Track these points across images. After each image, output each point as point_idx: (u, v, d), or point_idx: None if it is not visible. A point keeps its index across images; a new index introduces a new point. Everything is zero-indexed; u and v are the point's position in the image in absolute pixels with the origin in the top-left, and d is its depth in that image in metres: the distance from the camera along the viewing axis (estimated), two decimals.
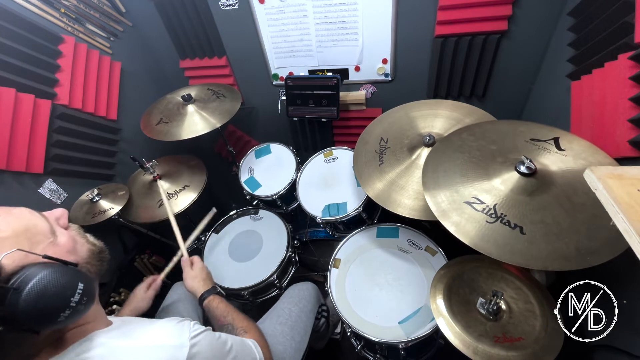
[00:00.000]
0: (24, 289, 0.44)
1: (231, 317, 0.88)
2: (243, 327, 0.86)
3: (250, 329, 0.86)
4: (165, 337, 0.59)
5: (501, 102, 1.39)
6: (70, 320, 0.49)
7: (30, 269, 0.46)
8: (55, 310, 0.47)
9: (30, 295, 0.44)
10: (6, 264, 0.45)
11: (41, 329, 0.47)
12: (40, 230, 0.53)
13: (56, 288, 0.46)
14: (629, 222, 0.47)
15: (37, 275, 0.45)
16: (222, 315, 0.89)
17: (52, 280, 0.46)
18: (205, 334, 0.65)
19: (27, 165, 1.08)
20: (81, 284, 0.50)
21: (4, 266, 0.45)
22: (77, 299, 0.48)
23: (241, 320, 0.88)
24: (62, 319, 0.47)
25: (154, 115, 1.42)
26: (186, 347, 0.58)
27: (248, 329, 0.85)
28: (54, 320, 0.47)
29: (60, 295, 0.47)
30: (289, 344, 0.99)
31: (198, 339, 0.62)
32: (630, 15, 0.76)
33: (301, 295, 1.14)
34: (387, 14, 1.26)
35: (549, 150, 0.84)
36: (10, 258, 0.46)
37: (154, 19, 1.53)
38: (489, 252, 0.71)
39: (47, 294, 0.45)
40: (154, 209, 1.33)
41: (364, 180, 1.12)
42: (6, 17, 1.04)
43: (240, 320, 0.87)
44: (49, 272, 0.46)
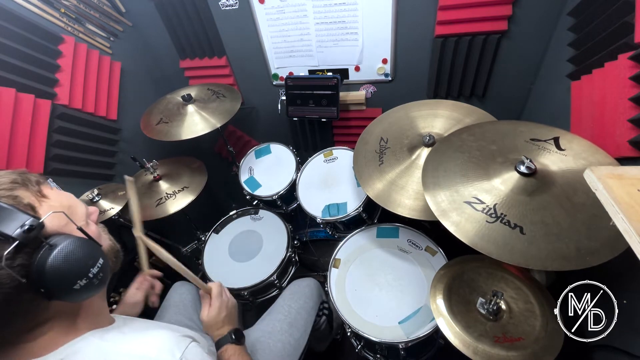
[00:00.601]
0: (56, 247, 0.49)
1: None
2: None
3: None
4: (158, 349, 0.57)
5: (501, 102, 1.39)
6: (83, 293, 0.52)
7: (65, 235, 0.53)
8: (75, 275, 0.51)
9: (60, 254, 0.49)
10: (49, 224, 0.51)
11: (56, 293, 0.50)
12: (80, 212, 0.60)
13: (81, 255, 0.52)
14: (629, 222, 0.47)
15: (70, 239, 0.51)
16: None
17: (79, 247, 0.52)
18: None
19: (27, 165, 1.08)
20: (102, 259, 0.55)
21: (47, 225, 0.51)
22: (95, 271, 0.53)
23: None
24: (77, 286, 0.51)
25: (154, 115, 1.42)
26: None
27: None
28: (70, 286, 0.50)
29: (83, 262, 0.52)
30: (287, 341, 0.98)
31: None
32: (630, 15, 0.76)
33: (302, 292, 1.13)
34: (387, 14, 1.26)
35: (549, 150, 0.84)
36: (53, 221, 0.52)
37: (154, 19, 1.53)
38: (489, 252, 0.71)
39: (73, 257, 0.50)
40: (152, 208, 1.32)
41: (364, 180, 1.12)
42: (6, 17, 1.04)
43: None
44: (79, 239, 0.53)
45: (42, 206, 0.53)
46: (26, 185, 0.53)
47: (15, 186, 0.52)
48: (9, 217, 0.47)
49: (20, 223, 0.47)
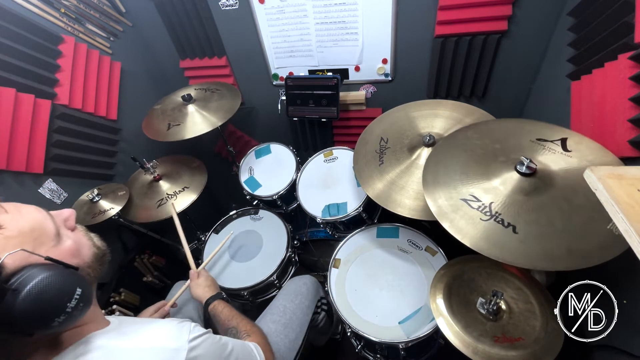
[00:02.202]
0: (22, 290, 0.43)
1: (235, 321, 0.90)
2: (246, 330, 0.87)
3: (253, 332, 0.87)
4: (164, 338, 0.58)
5: (501, 102, 1.39)
6: (65, 325, 0.48)
7: (31, 270, 0.46)
8: (50, 314, 0.46)
9: (28, 298, 0.44)
10: (8, 264, 0.45)
11: (34, 332, 0.47)
12: (46, 232, 0.52)
13: (54, 292, 0.46)
14: (629, 222, 0.47)
15: (37, 277, 0.45)
16: (227, 319, 0.91)
17: (51, 284, 0.46)
18: (205, 337, 0.64)
19: (27, 165, 1.08)
20: (79, 289, 0.49)
21: (6, 265, 0.45)
22: (73, 304, 0.48)
23: (245, 324, 0.89)
24: (56, 323, 0.47)
25: (155, 116, 1.42)
26: (184, 350, 0.57)
27: (251, 332, 0.86)
28: (49, 324, 0.46)
29: (57, 299, 0.47)
30: (282, 342, 0.98)
31: (197, 341, 0.61)
32: (630, 15, 0.76)
33: (298, 291, 1.12)
34: (387, 14, 1.26)
35: (554, 150, 0.84)
36: (13, 258, 0.45)
37: (154, 19, 1.53)
38: (481, 249, 0.71)
39: (44, 297, 0.45)
40: (153, 209, 1.32)
41: (364, 180, 1.12)
42: (6, 17, 1.04)
43: (244, 324, 0.89)
44: (48, 275, 0.46)
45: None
46: None
47: None
48: None
49: None
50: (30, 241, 0.49)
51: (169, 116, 1.39)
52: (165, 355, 0.56)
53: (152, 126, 1.38)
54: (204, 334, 0.64)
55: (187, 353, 0.57)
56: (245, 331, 0.86)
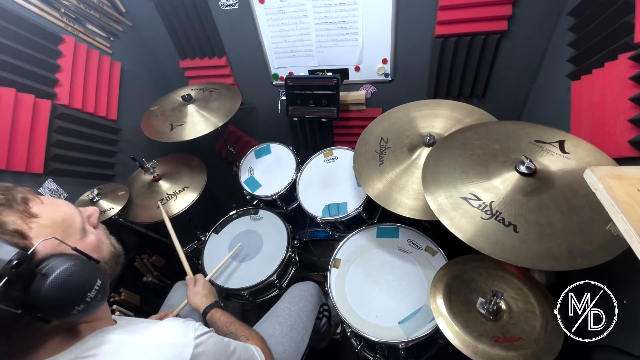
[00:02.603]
0: (50, 276, 0.46)
1: (233, 327, 0.90)
2: (245, 335, 0.87)
3: (252, 336, 0.87)
4: (171, 335, 0.60)
5: (501, 102, 1.39)
6: (82, 314, 0.50)
7: (59, 258, 0.49)
8: (71, 302, 0.49)
9: (54, 284, 0.46)
10: (40, 250, 0.48)
11: (53, 318, 0.49)
12: (74, 225, 0.56)
13: (78, 280, 0.49)
14: (629, 222, 0.47)
15: (64, 265, 0.48)
16: (225, 325, 0.91)
17: (76, 272, 0.49)
18: (209, 335, 0.66)
19: (27, 165, 1.08)
20: (99, 280, 0.52)
21: (38, 251, 0.48)
22: (93, 294, 0.51)
23: (243, 330, 0.89)
24: (75, 312, 0.49)
25: (153, 117, 1.42)
26: (191, 346, 0.59)
27: (250, 337, 0.87)
28: (68, 312, 0.49)
29: (80, 288, 0.49)
30: (288, 344, 0.99)
31: (202, 339, 0.63)
32: (630, 15, 0.76)
33: (302, 295, 1.14)
34: (387, 14, 1.26)
35: (552, 152, 0.84)
36: (45, 245, 0.49)
37: (154, 19, 1.53)
38: (481, 248, 0.71)
39: (68, 284, 0.48)
40: (153, 210, 1.32)
41: (364, 180, 1.12)
42: (6, 17, 1.04)
43: (242, 330, 0.89)
44: (74, 264, 0.49)
45: (31, 229, 0.49)
46: (11, 205, 0.49)
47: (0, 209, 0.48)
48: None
49: (7, 257, 0.43)
50: (60, 231, 0.52)
51: (169, 117, 1.39)
52: (174, 350, 0.58)
53: (152, 127, 1.38)
54: (208, 331, 0.66)
55: (194, 349, 0.59)
56: (244, 336, 0.87)
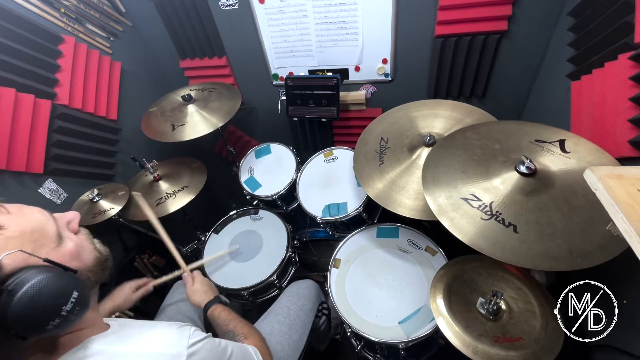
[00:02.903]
0: (18, 291, 0.43)
1: (232, 324, 0.90)
2: (244, 333, 0.87)
3: (250, 334, 0.87)
4: (164, 343, 0.58)
5: (501, 102, 1.39)
6: (60, 329, 0.48)
7: (29, 271, 0.46)
8: (45, 317, 0.46)
9: (23, 300, 0.43)
10: (6, 264, 0.45)
11: (29, 335, 0.46)
12: (47, 234, 0.52)
13: (50, 294, 0.46)
14: (629, 222, 0.47)
15: (33, 279, 0.45)
16: (224, 323, 0.91)
17: (47, 286, 0.45)
18: (205, 342, 0.64)
19: (27, 165, 1.08)
20: (76, 292, 0.49)
21: (4, 266, 0.45)
22: (69, 307, 0.48)
23: (242, 327, 0.89)
24: (51, 327, 0.46)
25: (152, 117, 1.42)
26: (183, 355, 0.57)
27: (248, 335, 0.86)
28: (43, 328, 0.46)
29: (53, 302, 0.46)
30: (286, 342, 0.99)
31: (197, 347, 0.61)
32: (630, 15, 0.76)
33: (301, 294, 1.13)
34: (387, 14, 1.26)
35: (552, 152, 0.84)
36: (11, 258, 0.45)
37: (154, 19, 1.53)
38: (481, 249, 0.71)
39: (39, 299, 0.45)
40: (152, 208, 1.32)
41: (364, 180, 1.12)
42: (6, 17, 1.04)
43: (241, 327, 0.89)
44: (44, 277, 0.46)
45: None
46: None
47: None
48: None
49: None
50: (30, 242, 0.49)
51: (170, 117, 1.39)
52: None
53: (153, 127, 1.37)
54: (203, 338, 0.64)
55: (187, 358, 0.57)
56: (242, 334, 0.86)
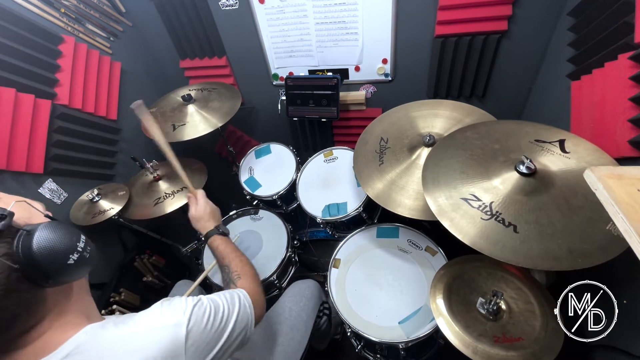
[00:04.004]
0: (34, 231, 0.49)
1: (228, 259, 0.90)
2: (237, 271, 0.86)
3: (244, 273, 0.85)
4: (160, 318, 0.59)
5: (501, 102, 1.39)
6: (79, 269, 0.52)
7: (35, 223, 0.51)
8: (64, 250, 0.51)
9: (42, 236, 0.49)
10: (17, 215, 0.50)
11: (51, 273, 0.49)
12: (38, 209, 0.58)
13: (61, 232, 0.51)
14: (629, 222, 0.47)
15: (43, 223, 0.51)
16: (221, 256, 0.92)
17: (57, 226, 0.51)
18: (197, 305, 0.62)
19: (27, 165, 1.08)
20: (82, 235, 0.55)
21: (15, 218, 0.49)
22: (82, 245, 0.53)
23: (237, 264, 0.88)
24: (71, 261, 0.51)
25: (154, 116, 1.40)
26: (184, 324, 0.58)
27: (242, 274, 0.85)
28: (65, 261, 0.50)
29: (67, 238, 0.52)
30: (288, 343, 0.99)
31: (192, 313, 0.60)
32: (630, 15, 0.76)
33: (302, 294, 1.13)
34: (387, 14, 1.26)
35: (552, 152, 0.84)
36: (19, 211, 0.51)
37: (154, 19, 1.53)
38: (481, 249, 0.71)
39: (55, 235, 0.50)
40: (149, 207, 1.32)
41: (364, 180, 1.12)
42: (6, 17, 1.04)
43: (236, 264, 0.88)
44: (52, 222, 0.52)
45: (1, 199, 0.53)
46: None
47: None
48: None
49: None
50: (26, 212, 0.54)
51: (170, 117, 1.39)
52: (167, 332, 0.56)
53: None
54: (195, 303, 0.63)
55: (186, 326, 0.58)
56: (236, 272, 0.85)
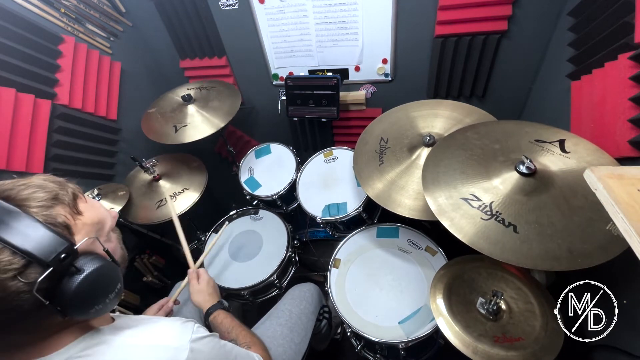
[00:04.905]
0: (84, 272, 0.49)
1: (235, 333, 0.88)
2: (247, 342, 0.85)
3: (253, 343, 0.86)
4: (167, 337, 0.59)
5: (501, 102, 1.39)
6: (98, 313, 0.52)
7: (92, 256, 0.52)
8: (95, 300, 0.51)
9: (86, 280, 0.49)
10: (80, 248, 0.50)
11: (71, 314, 0.49)
12: (105, 228, 0.59)
13: (106, 280, 0.52)
14: (629, 222, 0.47)
15: (97, 264, 0.51)
16: (227, 331, 0.89)
17: (106, 273, 0.52)
18: (209, 339, 0.64)
19: (27, 165, 1.08)
20: (119, 284, 0.56)
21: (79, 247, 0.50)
22: (113, 295, 0.54)
23: (245, 336, 0.87)
24: (93, 310, 0.51)
25: (153, 119, 1.41)
26: (186, 349, 0.58)
27: (251, 344, 0.85)
28: (88, 309, 0.50)
29: (105, 287, 0.53)
30: (288, 345, 0.98)
31: (200, 343, 0.61)
32: (630, 15, 0.76)
33: (302, 297, 1.14)
34: (387, 14, 1.26)
35: (552, 152, 0.84)
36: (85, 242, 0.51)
37: (154, 19, 1.53)
38: (481, 249, 0.71)
39: (98, 283, 0.51)
40: (152, 210, 1.32)
41: (364, 180, 1.12)
42: (6, 17, 1.04)
43: (244, 336, 0.87)
44: (105, 265, 0.52)
45: (76, 224, 0.52)
46: (63, 200, 0.52)
47: (54, 203, 0.50)
48: (46, 240, 0.46)
49: (55, 248, 0.46)
50: (94, 232, 0.55)
51: (171, 118, 1.38)
52: (167, 353, 0.57)
53: (155, 129, 1.37)
54: (207, 336, 0.64)
55: (189, 353, 0.58)
56: (245, 343, 0.85)
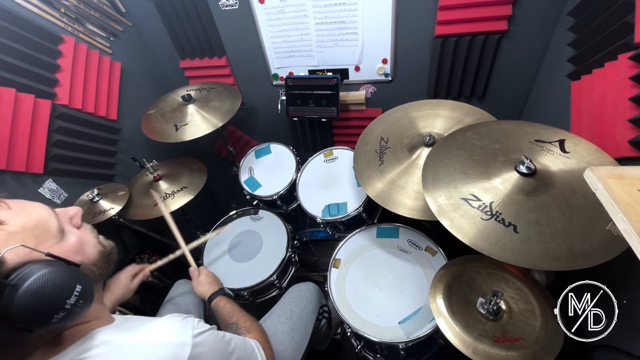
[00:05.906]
0: (21, 286, 0.44)
1: (236, 317, 0.90)
2: (246, 327, 0.87)
3: (253, 329, 0.87)
4: (168, 334, 0.59)
5: (501, 102, 1.39)
6: (65, 322, 0.48)
7: (31, 266, 0.46)
8: (49, 310, 0.46)
9: (26, 293, 0.44)
10: (9, 259, 0.45)
11: (34, 328, 0.47)
12: (49, 229, 0.53)
13: (53, 288, 0.46)
14: (629, 222, 0.46)
15: (36, 273, 0.45)
16: (227, 315, 0.91)
17: (50, 280, 0.46)
18: (209, 333, 0.65)
19: (27, 165, 1.08)
20: (79, 285, 0.49)
21: (7, 261, 0.45)
22: (72, 301, 0.48)
23: (245, 321, 0.89)
24: (55, 320, 0.47)
25: (153, 120, 1.41)
26: (188, 345, 0.58)
27: (251, 329, 0.87)
28: (47, 321, 0.46)
29: (56, 296, 0.46)
30: (289, 343, 0.99)
31: (201, 338, 0.61)
32: (630, 15, 0.76)
33: (302, 296, 1.14)
34: (387, 14, 1.26)
35: (552, 152, 0.84)
36: (14, 253, 0.46)
37: (154, 19, 1.53)
38: (482, 249, 0.71)
39: (43, 293, 0.45)
40: (149, 208, 1.32)
41: (364, 180, 1.12)
42: (6, 17, 1.04)
43: (244, 321, 0.89)
44: (47, 272, 0.46)
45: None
46: None
47: None
48: None
49: None
50: (32, 237, 0.49)
51: (171, 117, 1.38)
52: (170, 350, 0.56)
53: (155, 129, 1.37)
54: (208, 329, 0.65)
55: (192, 348, 0.58)
56: (245, 327, 0.87)
